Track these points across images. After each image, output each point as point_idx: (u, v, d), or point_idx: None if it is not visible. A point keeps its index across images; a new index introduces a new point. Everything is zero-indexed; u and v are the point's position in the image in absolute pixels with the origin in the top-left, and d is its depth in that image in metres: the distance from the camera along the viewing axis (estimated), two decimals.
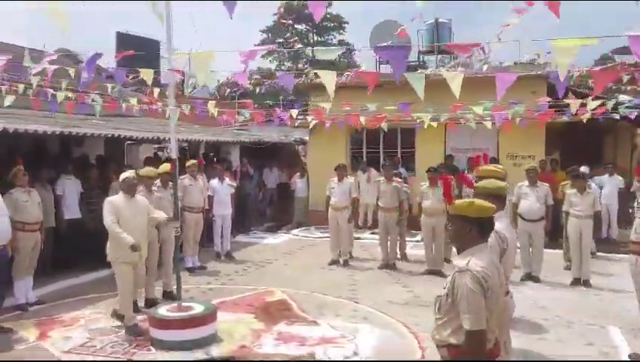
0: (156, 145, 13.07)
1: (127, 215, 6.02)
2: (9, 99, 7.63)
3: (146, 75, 5.01)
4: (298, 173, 14.31)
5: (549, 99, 8.08)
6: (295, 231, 13.10)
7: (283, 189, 14.98)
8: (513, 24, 6.05)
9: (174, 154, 6.08)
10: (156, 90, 9.54)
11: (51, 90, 7.37)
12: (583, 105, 8.01)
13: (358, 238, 11.20)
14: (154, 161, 9.85)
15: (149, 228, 6.46)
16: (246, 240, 12.03)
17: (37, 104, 8.36)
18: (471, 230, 3.06)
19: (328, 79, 4.77)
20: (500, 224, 3.77)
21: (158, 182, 7.61)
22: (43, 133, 7.67)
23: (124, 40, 31.29)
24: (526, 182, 8.52)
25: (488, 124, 9.06)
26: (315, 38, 42.18)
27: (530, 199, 8.42)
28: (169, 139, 10.79)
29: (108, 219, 5.96)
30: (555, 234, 9.89)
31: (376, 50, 4.48)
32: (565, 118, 8.44)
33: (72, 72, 6.49)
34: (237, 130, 15.44)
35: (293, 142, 16.36)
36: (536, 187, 8.47)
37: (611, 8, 60.67)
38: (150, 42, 32.77)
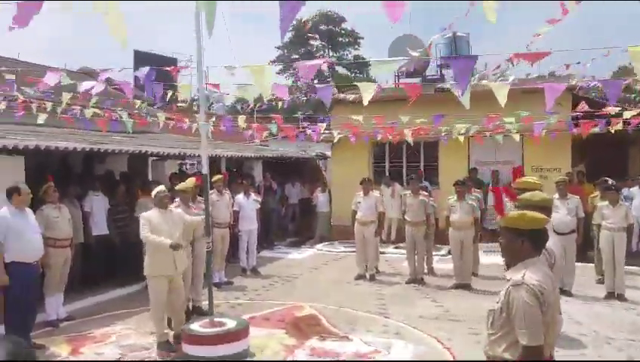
0: (180, 161, 13.12)
1: (163, 228, 6.07)
2: (42, 118, 7.71)
3: (184, 90, 5.04)
4: (319, 188, 14.32)
5: (586, 108, 7.96)
6: (319, 246, 13.04)
7: (305, 204, 14.95)
8: (544, 33, 5.99)
9: (205, 170, 6.08)
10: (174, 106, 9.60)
11: (87, 110, 7.42)
12: (618, 115, 7.90)
13: (383, 253, 11.11)
14: (179, 176, 9.87)
15: (185, 242, 6.49)
16: (270, 255, 11.99)
17: (69, 121, 8.42)
18: (523, 242, 2.99)
19: (367, 91, 4.74)
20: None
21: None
22: (73, 150, 7.73)
23: (141, 58, 31.80)
24: (556, 195, 8.39)
25: (516, 137, 8.96)
26: (331, 54, 42.39)
27: (561, 212, 8.28)
28: (194, 154, 10.99)
29: (143, 232, 6.04)
30: (584, 247, 9.72)
31: (446, 60, 4.41)
32: (597, 130, 8.31)
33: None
34: (259, 145, 15.48)
35: (315, 157, 16.36)
36: (566, 199, 8.35)
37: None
38: (167, 60, 33.28)
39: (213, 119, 8.59)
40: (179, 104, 9.58)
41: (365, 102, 4.78)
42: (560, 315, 4.08)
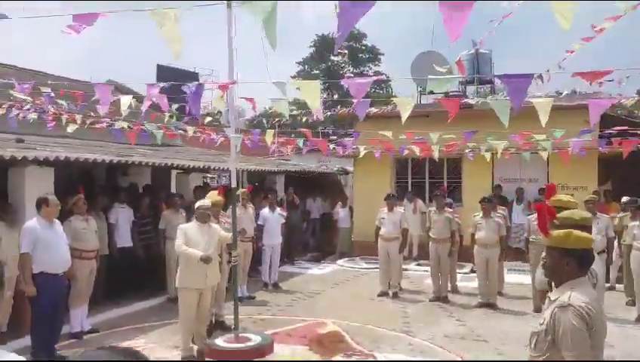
0: (204, 174, 13.18)
1: (199, 241, 6.10)
2: (71, 127, 7.80)
3: (217, 102, 5.06)
4: (340, 203, 14.26)
5: (621, 127, 7.84)
6: (340, 262, 12.95)
7: (326, 219, 14.90)
8: (577, 50, 5.91)
9: (234, 183, 6.08)
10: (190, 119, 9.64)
11: (117, 122, 7.48)
12: None
13: (405, 270, 10.98)
14: (203, 189, 9.88)
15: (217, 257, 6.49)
16: (292, 270, 11.93)
17: (99, 132, 8.52)
18: (569, 263, 2.91)
19: (405, 107, 4.71)
20: None
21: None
22: (102, 162, 7.79)
23: (164, 72, 32.24)
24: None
25: (544, 154, 8.84)
26: (351, 70, 42.49)
27: (592, 231, 8.11)
28: (218, 168, 11.03)
29: (177, 243, 6.08)
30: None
31: (500, 77, 4.35)
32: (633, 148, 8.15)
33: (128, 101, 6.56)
34: (280, 159, 15.50)
35: (336, 172, 16.32)
36: (596, 218, 8.18)
37: None
38: (189, 74, 33.70)
39: (241, 134, 8.58)
40: (207, 118, 9.61)
41: (403, 120, 4.74)
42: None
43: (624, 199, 10.26)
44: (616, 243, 8.71)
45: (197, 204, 6.46)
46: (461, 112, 10.70)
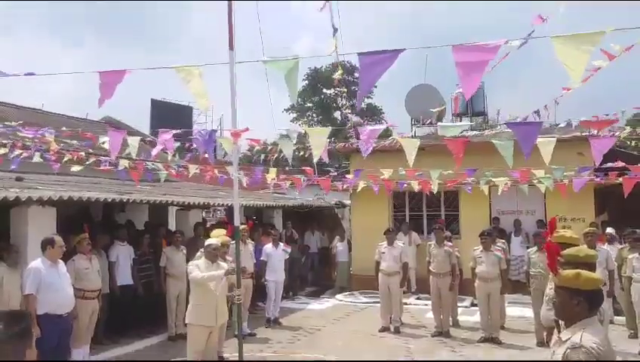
0: (204, 210, 13.21)
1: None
2: (76, 168, 7.85)
3: (226, 143, 5.15)
4: (338, 237, 14.25)
5: (621, 164, 7.97)
6: (339, 297, 12.88)
7: (324, 253, 14.87)
8: (574, 88, 6.07)
9: (237, 222, 6.12)
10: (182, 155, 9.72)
11: (127, 162, 7.52)
12: None
13: (406, 304, 10.95)
14: (204, 225, 9.92)
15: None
16: (291, 305, 11.85)
17: (102, 171, 8.60)
18: (579, 303, 2.96)
19: (410, 147, 4.81)
20: None
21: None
22: (104, 200, 7.81)
23: (158, 106, 32.50)
24: (585, 246, 8.29)
25: (542, 187, 8.94)
26: (344, 102, 42.89)
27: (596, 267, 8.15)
28: (219, 204, 11.06)
29: (194, 274, 6.12)
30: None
31: (509, 125, 4.48)
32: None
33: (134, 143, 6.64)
34: (277, 192, 15.54)
35: (334, 205, 16.36)
36: (596, 251, 8.23)
37: None
38: (183, 108, 33.96)
39: (241, 172, 8.69)
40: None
41: (410, 163, 4.85)
42: None
43: (608, 230, 10.36)
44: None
45: (206, 243, 6.51)
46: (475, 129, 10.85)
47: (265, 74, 5.57)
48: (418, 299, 12.06)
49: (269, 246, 9.99)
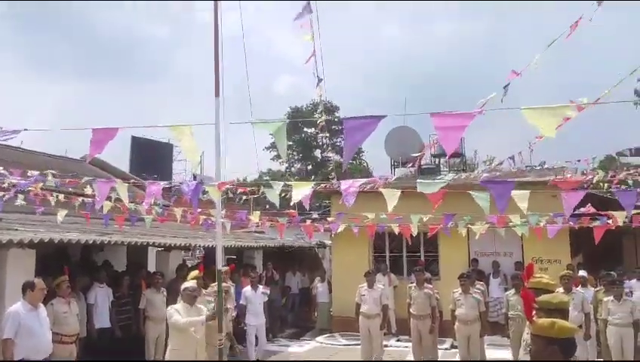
0: (184, 252, 13.11)
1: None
2: (61, 214, 7.85)
3: (212, 192, 5.23)
4: (319, 278, 14.21)
5: (592, 210, 8.22)
6: (319, 339, 12.78)
7: (304, 294, 14.81)
8: (545, 137, 6.33)
9: (220, 265, 6.15)
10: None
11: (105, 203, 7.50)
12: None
13: (386, 346, 10.92)
14: (184, 267, 9.86)
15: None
16: (271, 348, 11.67)
17: (87, 216, 8.60)
18: (553, 351, 3.06)
19: (391, 196, 4.95)
20: None
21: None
22: (85, 242, 7.78)
23: (139, 143, 32.45)
24: (560, 289, 8.43)
25: (519, 231, 9.14)
26: (324, 141, 43.34)
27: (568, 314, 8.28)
28: (200, 245, 11.03)
29: (175, 318, 6.13)
30: None
31: (483, 182, 4.67)
32: (598, 223, 8.52)
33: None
34: (258, 232, 15.54)
35: (315, 246, 16.39)
36: (572, 294, 8.39)
37: None
38: (164, 146, 33.95)
39: (223, 212, 8.73)
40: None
41: (390, 209, 4.99)
42: None
43: (581, 273, 10.53)
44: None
45: (183, 286, 6.52)
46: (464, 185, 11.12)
47: (249, 112, 5.69)
48: (398, 340, 12.05)
49: (248, 289, 9.92)
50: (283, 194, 11.16)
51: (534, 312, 3.83)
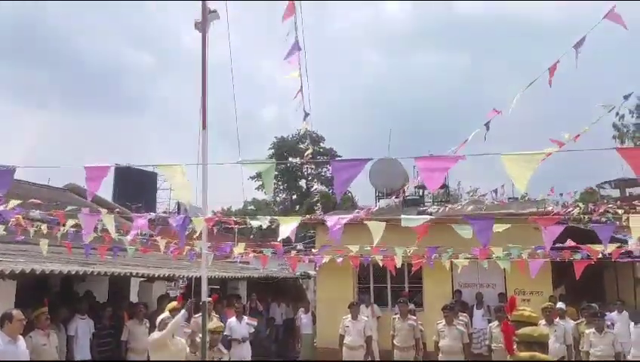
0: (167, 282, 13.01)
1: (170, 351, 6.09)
2: (44, 244, 7.79)
3: (197, 223, 5.27)
4: (302, 309, 14.10)
5: (572, 244, 8.35)
6: None
7: (289, 325, 14.69)
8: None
9: (205, 296, 6.14)
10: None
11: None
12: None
13: None
14: (167, 298, 9.77)
15: None
16: None
17: (68, 246, 8.53)
18: None
19: (376, 229, 5.03)
20: None
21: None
22: (68, 273, 7.71)
23: (122, 172, 32.28)
24: (543, 321, 8.49)
25: (501, 264, 9.23)
26: (310, 171, 43.54)
27: (549, 339, 8.33)
28: (182, 276, 10.97)
29: (154, 336, 6.33)
30: None
31: (466, 217, 4.78)
32: (579, 256, 8.65)
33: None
34: (243, 263, 15.46)
35: (299, 277, 16.33)
36: (553, 326, 8.46)
37: None
38: (147, 174, 33.80)
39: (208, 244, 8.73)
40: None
41: (375, 243, 5.07)
42: None
43: (559, 305, 10.61)
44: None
45: (159, 318, 6.52)
46: (449, 218, 11.23)
47: (235, 140, 5.77)
48: None
49: (232, 320, 9.81)
50: (268, 225, 11.22)
51: (515, 345, 3.89)
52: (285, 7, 4.16)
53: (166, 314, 6.61)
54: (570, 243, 8.18)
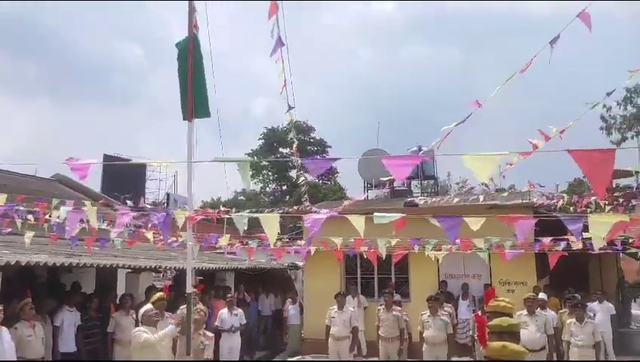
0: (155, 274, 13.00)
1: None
2: (29, 237, 7.78)
3: (179, 216, 5.32)
4: (290, 300, 14.17)
5: (550, 238, 8.48)
6: (290, 361, 12.76)
7: (276, 316, 14.77)
8: (516, 163, 6.61)
9: (189, 288, 6.17)
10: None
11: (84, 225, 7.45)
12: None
13: None
14: (155, 290, 9.77)
15: None
16: None
17: (54, 237, 8.52)
18: None
19: (357, 222, 5.12)
20: None
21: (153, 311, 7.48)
22: (53, 265, 7.71)
23: (110, 162, 32.13)
24: (525, 311, 8.62)
25: (482, 254, 9.35)
26: (299, 162, 43.50)
27: (530, 328, 8.45)
28: (169, 267, 11.00)
29: (145, 337, 6.16)
30: None
31: (437, 217, 4.87)
32: (559, 248, 8.78)
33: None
34: (230, 253, 15.49)
35: (287, 268, 16.40)
36: (535, 316, 8.57)
37: None
38: (135, 165, 33.63)
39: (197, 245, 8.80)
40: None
41: (361, 234, 5.20)
42: None
43: (540, 296, 10.69)
44: None
45: (142, 310, 6.54)
46: (406, 210, 11.30)
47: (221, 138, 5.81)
48: None
49: (224, 312, 9.84)
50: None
51: (487, 336, 3.97)
52: (268, 6, 4.21)
53: (148, 306, 6.62)
54: (547, 239, 8.32)
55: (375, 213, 5.02)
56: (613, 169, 3.36)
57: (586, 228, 4.96)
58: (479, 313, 8.35)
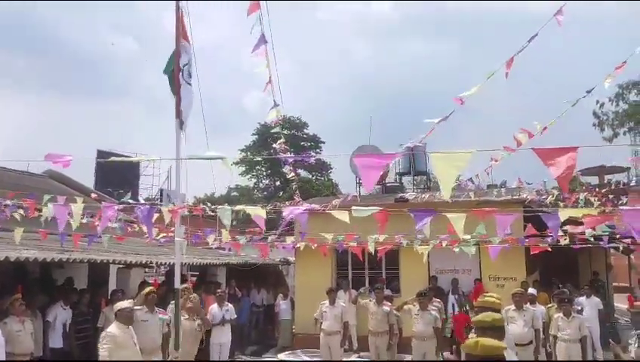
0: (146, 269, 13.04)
1: (129, 345, 6.10)
2: (18, 232, 7.78)
3: (164, 212, 5.36)
4: (281, 295, 14.20)
5: (534, 232, 8.56)
6: (281, 356, 12.79)
7: (268, 310, 14.82)
8: (501, 160, 6.67)
9: (178, 284, 6.22)
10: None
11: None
12: (564, 231, 8.51)
13: None
14: (147, 285, 9.79)
15: None
16: None
17: (43, 233, 8.52)
18: None
19: (342, 217, 5.18)
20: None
21: (144, 307, 7.48)
22: (43, 260, 7.72)
23: (104, 157, 31.96)
24: (513, 306, 8.70)
25: (471, 250, 9.43)
26: (285, 158, 43.41)
27: (518, 323, 8.54)
28: (161, 262, 11.02)
29: (102, 351, 6.15)
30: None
31: (411, 211, 4.95)
32: (546, 244, 8.88)
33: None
34: (221, 248, 15.49)
35: (279, 263, 16.43)
36: (523, 311, 8.66)
37: None
38: (129, 161, 33.43)
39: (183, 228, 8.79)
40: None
41: (354, 229, 5.30)
42: None
43: (530, 291, 10.77)
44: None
45: (119, 307, 6.47)
46: (397, 205, 11.34)
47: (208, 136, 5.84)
48: (359, 357, 12.15)
49: (214, 307, 9.85)
50: (241, 214, 11.31)
51: (472, 332, 4.02)
52: (248, 4, 4.24)
53: (126, 303, 6.58)
54: (530, 231, 8.40)
55: (353, 207, 5.08)
56: (574, 165, 3.53)
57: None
58: (456, 313, 8.43)
